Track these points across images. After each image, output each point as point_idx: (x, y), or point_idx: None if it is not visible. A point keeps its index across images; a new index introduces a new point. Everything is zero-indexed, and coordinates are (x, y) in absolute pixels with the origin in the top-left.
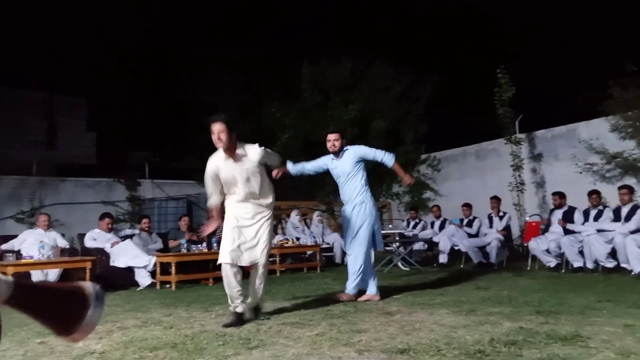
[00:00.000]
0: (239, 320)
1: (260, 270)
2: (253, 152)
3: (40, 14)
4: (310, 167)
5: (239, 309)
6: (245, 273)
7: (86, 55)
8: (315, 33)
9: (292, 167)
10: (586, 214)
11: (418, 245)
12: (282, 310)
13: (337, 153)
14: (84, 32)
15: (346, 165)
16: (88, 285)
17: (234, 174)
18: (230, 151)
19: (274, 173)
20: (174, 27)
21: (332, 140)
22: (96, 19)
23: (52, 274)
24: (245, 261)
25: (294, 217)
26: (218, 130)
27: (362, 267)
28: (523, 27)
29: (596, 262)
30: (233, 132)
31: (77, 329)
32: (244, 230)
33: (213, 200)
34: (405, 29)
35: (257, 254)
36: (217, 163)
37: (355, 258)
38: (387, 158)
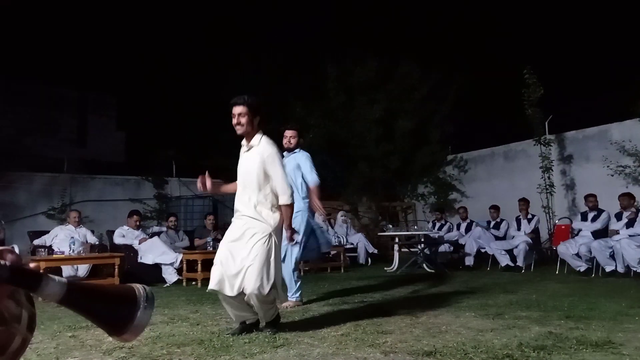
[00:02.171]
0: (243, 329)
1: (253, 300)
2: (263, 148)
3: (72, 14)
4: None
5: (249, 321)
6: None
7: (117, 55)
8: (342, 33)
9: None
10: (618, 217)
11: (443, 247)
12: (307, 310)
13: (291, 150)
14: (115, 32)
15: (290, 167)
16: (139, 287)
17: (244, 166)
18: (249, 139)
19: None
20: (202, 28)
21: (289, 136)
22: (126, 19)
23: (82, 269)
24: (228, 290)
25: (318, 217)
26: (238, 112)
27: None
28: (555, 25)
29: (628, 267)
30: (256, 117)
31: (128, 329)
32: (233, 249)
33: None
34: (432, 28)
35: (243, 283)
36: (241, 151)
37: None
38: (311, 179)
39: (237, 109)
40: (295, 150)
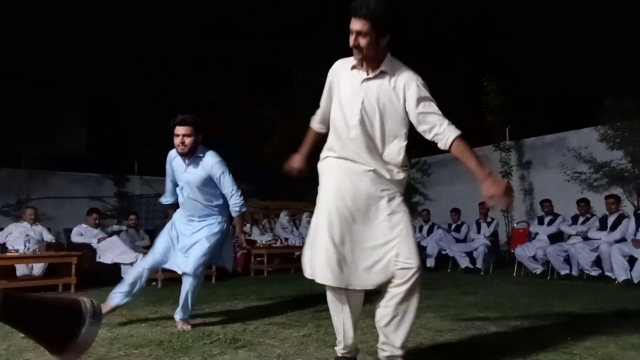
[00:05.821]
0: None
1: (403, 290)
2: (409, 76)
3: (40, 7)
4: (171, 186)
5: (351, 354)
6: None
7: (83, 48)
8: (311, 32)
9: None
10: (574, 221)
11: None
12: (269, 311)
13: (187, 155)
14: (83, 26)
15: (195, 176)
16: (85, 301)
17: (363, 98)
18: (370, 63)
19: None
20: (174, 25)
21: (181, 135)
22: (95, 14)
23: (37, 269)
24: (359, 283)
25: (283, 217)
26: (357, 30)
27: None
28: (517, 33)
29: (581, 270)
30: (385, 36)
31: (70, 348)
32: (357, 221)
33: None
34: (406, 31)
35: (385, 268)
36: (339, 70)
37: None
38: (234, 202)
39: (356, 25)
40: (200, 155)
